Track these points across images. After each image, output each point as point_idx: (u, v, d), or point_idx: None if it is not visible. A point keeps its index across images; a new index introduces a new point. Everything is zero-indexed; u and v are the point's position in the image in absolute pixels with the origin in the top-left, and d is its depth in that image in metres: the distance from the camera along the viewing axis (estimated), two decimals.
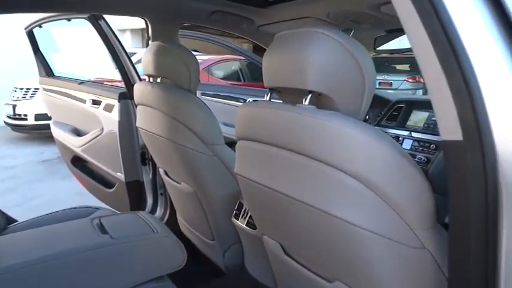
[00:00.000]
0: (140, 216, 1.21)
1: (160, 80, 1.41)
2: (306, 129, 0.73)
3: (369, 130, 0.69)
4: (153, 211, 2.04)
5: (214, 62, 5.50)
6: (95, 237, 1.03)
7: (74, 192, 3.42)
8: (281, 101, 0.89)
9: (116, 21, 5.54)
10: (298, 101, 0.79)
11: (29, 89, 5.56)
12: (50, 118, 2.48)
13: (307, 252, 0.91)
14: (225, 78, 5.58)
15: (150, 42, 1.69)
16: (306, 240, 0.87)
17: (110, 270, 1.00)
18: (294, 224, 0.87)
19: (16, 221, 1.66)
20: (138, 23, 1.83)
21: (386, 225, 0.70)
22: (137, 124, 1.55)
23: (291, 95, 0.84)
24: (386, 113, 1.62)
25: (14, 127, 5.64)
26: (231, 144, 1.41)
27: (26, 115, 5.48)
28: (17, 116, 5.54)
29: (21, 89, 5.64)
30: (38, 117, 5.34)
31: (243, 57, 5.44)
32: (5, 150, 5.34)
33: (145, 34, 1.73)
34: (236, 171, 0.99)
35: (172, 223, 1.85)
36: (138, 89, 1.48)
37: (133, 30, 8.82)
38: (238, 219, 1.38)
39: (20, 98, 5.59)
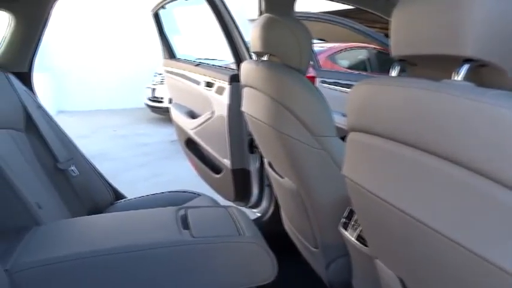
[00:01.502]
0: (230, 213, 1.05)
1: (268, 58, 1.23)
2: (459, 118, 0.45)
3: None
4: (257, 203, 1.91)
5: (339, 50, 5.14)
6: (174, 233, 0.91)
7: (195, 174, 3.56)
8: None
9: (245, 11, 5.61)
10: (444, 75, 0.51)
11: None
12: None
13: None
14: (350, 67, 5.18)
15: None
16: (438, 281, 0.59)
17: (184, 273, 0.86)
18: (422, 256, 0.59)
19: (125, 197, 1.69)
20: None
21: None
22: (242, 108, 1.41)
23: (432, 67, 0.56)
24: None
25: (152, 109, 6.22)
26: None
27: (162, 98, 5.98)
28: (155, 99, 6.08)
29: (160, 74, 6.17)
30: (171, 100, 5.77)
31: (371, 46, 4.97)
32: (143, 128, 5.92)
33: (258, 9, 1.57)
34: (344, 173, 0.74)
35: (276, 219, 1.69)
36: (244, 68, 1.32)
37: (252, 21, 8.93)
38: (346, 230, 1.12)
39: (158, 82, 6.12)
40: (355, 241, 1.07)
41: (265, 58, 1.23)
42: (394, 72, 0.62)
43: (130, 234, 0.92)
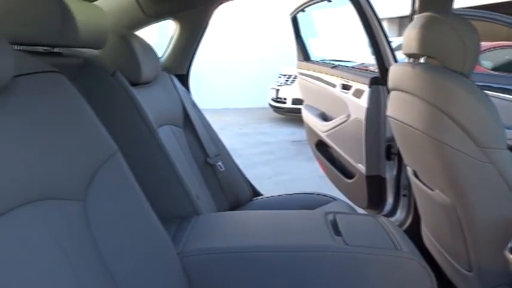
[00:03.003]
0: (380, 222, 1.01)
1: (424, 60, 1.14)
2: None
3: None
4: (392, 213, 1.81)
5: (483, 49, 4.57)
6: (327, 238, 0.90)
7: (316, 175, 3.54)
8: None
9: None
10: None
11: (291, 75, 6.16)
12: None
13: None
14: (494, 69, 4.57)
15: (414, 16, 1.42)
16: None
17: (335, 280, 0.85)
18: None
19: (261, 194, 1.76)
20: (396, 11, 1.59)
21: None
22: (388, 113, 1.34)
23: None
24: None
25: (275, 109, 6.42)
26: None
27: (285, 99, 6.12)
28: (278, 99, 6.26)
29: (284, 75, 6.33)
30: (294, 101, 5.86)
31: None
32: (266, 128, 6.14)
33: (411, 7, 1.47)
34: None
35: (413, 232, 1.57)
36: (395, 70, 1.25)
37: (390, 20, 8.49)
38: None
39: (282, 84, 6.28)
40: None
41: (421, 60, 1.15)
42: None
43: (285, 234, 0.95)
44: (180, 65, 1.67)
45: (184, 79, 1.69)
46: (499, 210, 1.04)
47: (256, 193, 1.75)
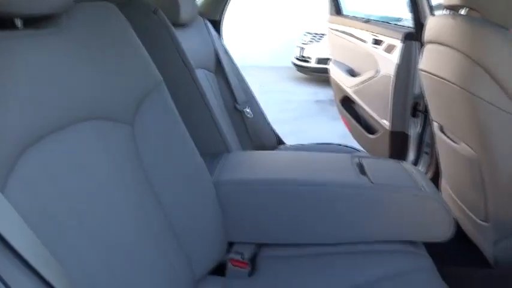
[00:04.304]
0: (404, 167, 1.05)
1: (466, 12, 1.13)
2: None
3: None
4: None
5: None
6: (353, 176, 0.95)
7: (338, 135, 3.57)
8: None
9: None
10: None
11: (317, 33, 6.02)
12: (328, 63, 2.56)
13: None
14: None
15: None
16: None
17: (361, 215, 0.91)
18: None
19: (285, 143, 1.82)
20: None
21: None
22: (420, 66, 1.34)
23: None
24: None
25: (299, 68, 6.31)
26: None
27: (309, 57, 6.01)
28: (302, 58, 6.15)
29: (310, 33, 6.18)
30: (319, 60, 5.76)
31: None
32: (289, 87, 6.10)
33: None
34: None
35: None
36: (433, 22, 1.24)
37: None
38: None
39: (308, 42, 6.15)
40: None
41: (462, 12, 1.14)
42: None
43: (312, 171, 1.00)
44: (214, 10, 1.68)
45: (217, 25, 1.70)
46: None
47: (280, 142, 1.80)
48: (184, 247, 0.82)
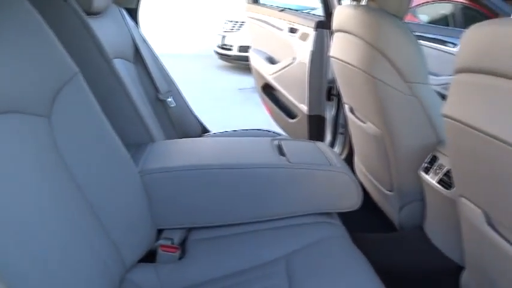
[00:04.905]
0: (319, 146, 1.15)
1: (366, 2, 1.25)
2: None
3: None
4: None
5: (421, 3, 4.83)
6: (273, 157, 1.02)
7: (262, 120, 3.69)
8: None
9: None
10: None
11: (237, 22, 6.06)
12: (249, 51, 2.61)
13: None
14: (430, 22, 4.86)
15: None
16: None
17: (281, 192, 0.98)
18: None
19: (209, 131, 1.85)
20: None
21: None
22: (330, 53, 1.45)
23: None
24: None
25: (221, 56, 6.32)
26: None
27: (231, 46, 6.05)
28: (224, 46, 6.17)
29: (231, 21, 6.21)
30: (241, 48, 5.83)
31: (459, 0, 4.62)
32: (211, 75, 6.09)
33: None
34: (444, 113, 0.80)
35: (347, 163, 1.77)
36: (339, 12, 1.35)
37: None
38: (427, 174, 1.18)
39: (229, 30, 6.17)
40: (437, 185, 1.13)
41: (363, 3, 1.26)
42: None
43: (235, 155, 1.05)
44: None
45: (134, 13, 1.66)
46: (418, 138, 1.22)
47: (205, 130, 1.83)
48: (111, 237, 0.82)
